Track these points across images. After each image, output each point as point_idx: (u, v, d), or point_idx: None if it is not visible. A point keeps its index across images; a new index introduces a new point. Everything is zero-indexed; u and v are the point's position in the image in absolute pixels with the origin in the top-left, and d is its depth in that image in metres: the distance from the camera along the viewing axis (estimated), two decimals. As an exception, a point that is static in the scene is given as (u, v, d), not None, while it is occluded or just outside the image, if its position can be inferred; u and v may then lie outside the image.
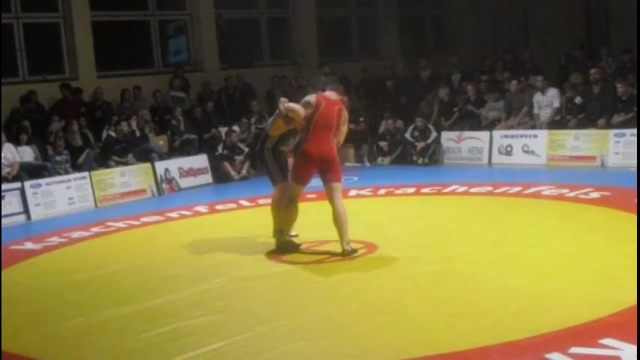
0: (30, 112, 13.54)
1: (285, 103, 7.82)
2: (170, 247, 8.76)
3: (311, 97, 7.76)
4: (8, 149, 11.96)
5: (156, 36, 16.19)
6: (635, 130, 12.40)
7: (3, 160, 11.75)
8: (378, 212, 10.05)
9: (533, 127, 13.94)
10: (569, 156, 13.13)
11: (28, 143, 12.50)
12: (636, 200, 9.03)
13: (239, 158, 13.88)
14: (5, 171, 11.70)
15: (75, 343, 5.72)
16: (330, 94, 7.84)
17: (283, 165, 8.10)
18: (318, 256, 7.69)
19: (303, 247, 8.06)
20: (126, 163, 13.15)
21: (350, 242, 7.61)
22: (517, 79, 14.56)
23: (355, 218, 9.57)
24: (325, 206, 7.77)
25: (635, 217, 8.34)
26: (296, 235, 8.27)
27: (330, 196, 7.72)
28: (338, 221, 7.60)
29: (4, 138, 12.05)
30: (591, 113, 13.24)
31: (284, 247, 7.94)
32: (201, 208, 11.12)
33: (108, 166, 13.00)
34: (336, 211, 7.62)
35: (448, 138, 14.61)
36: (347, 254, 7.54)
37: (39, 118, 13.60)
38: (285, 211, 7.95)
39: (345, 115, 7.82)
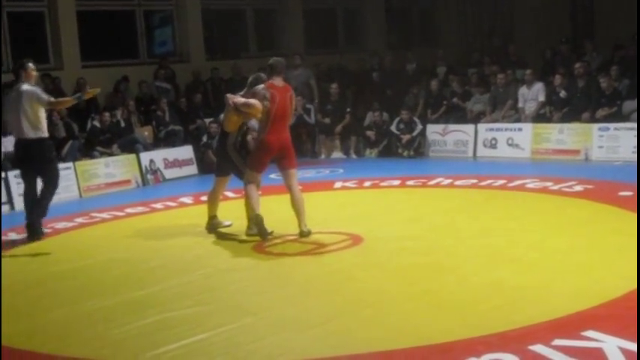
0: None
1: (233, 99, 8.02)
2: (155, 238, 8.74)
3: (264, 91, 7.88)
4: None
5: (141, 26, 16.11)
6: (618, 124, 12.48)
7: None
8: (363, 204, 10.07)
9: (518, 120, 14.00)
10: (554, 149, 13.20)
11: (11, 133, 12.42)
12: (620, 194, 9.12)
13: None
14: None
15: (59, 333, 5.70)
16: (278, 82, 8.00)
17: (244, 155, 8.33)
18: (303, 248, 7.70)
19: (288, 239, 8.06)
20: (110, 154, 13.10)
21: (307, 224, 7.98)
22: (504, 72, 14.59)
23: (340, 210, 9.65)
24: (310, 198, 7.79)
25: (618, 210, 8.42)
26: (230, 225, 8.58)
27: (287, 181, 8.09)
28: (296, 205, 7.99)
29: None
30: (576, 107, 13.30)
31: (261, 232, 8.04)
32: (187, 199, 11.10)
33: (92, 157, 12.94)
34: (294, 195, 8.01)
35: (433, 131, 14.64)
36: (304, 235, 7.92)
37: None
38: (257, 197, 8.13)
39: (294, 99, 8.23)
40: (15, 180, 11.52)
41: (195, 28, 16.49)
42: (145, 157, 13.24)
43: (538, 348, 4.65)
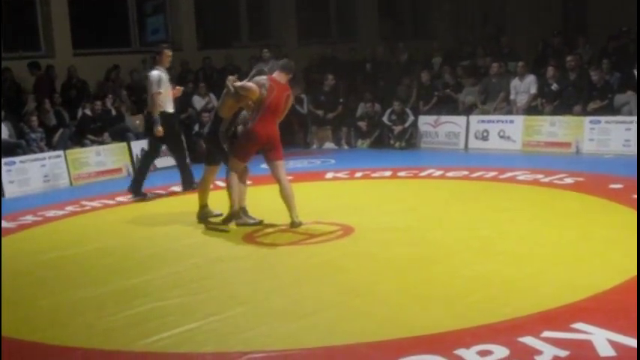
0: (4, 89, 13.38)
1: (234, 82, 7.99)
2: (145, 227, 8.73)
3: (264, 80, 7.90)
4: None
5: (133, 14, 16.05)
6: (609, 118, 12.51)
7: None
8: (355, 195, 10.07)
9: (510, 112, 14.02)
10: (545, 142, 13.22)
11: (2, 120, 12.38)
12: (611, 186, 9.15)
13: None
14: None
15: (49, 322, 5.69)
16: (280, 78, 7.98)
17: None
18: (294, 238, 7.70)
19: (279, 229, 8.06)
20: (101, 142, 13.07)
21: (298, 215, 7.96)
22: (496, 63, 14.58)
23: (332, 200, 9.65)
24: (302, 189, 7.76)
25: (608, 203, 8.45)
26: (220, 214, 8.50)
27: (275, 173, 8.01)
28: (286, 196, 7.95)
29: None
30: (567, 100, 13.32)
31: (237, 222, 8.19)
32: (177, 188, 11.06)
33: (83, 145, 12.90)
34: (283, 186, 7.96)
35: (425, 122, 14.65)
36: (296, 226, 7.89)
37: (14, 95, 13.45)
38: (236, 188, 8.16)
39: (291, 101, 8.13)
40: (5, 168, 11.49)
41: (187, 17, 16.44)
42: (136, 145, 13.20)
43: (527, 339, 4.67)
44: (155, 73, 10.09)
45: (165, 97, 10.12)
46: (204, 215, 8.69)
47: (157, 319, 5.51)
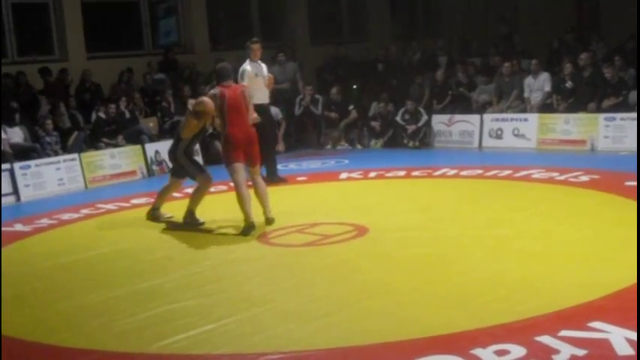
0: (19, 93, 13.45)
1: (192, 104, 8.54)
2: (160, 229, 8.74)
3: (213, 91, 8.30)
4: None
5: (146, 17, 16.09)
6: (624, 115, 12.43)
7: None
8: (369, 195, 10.05)
9: (524, 110, 13.96)
10: (560, 140, 13.15)
11: (17, 124, 12.43)
12: (627, 183, 9.08)
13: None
14: None
15: (64, 325, 5.71)
16: (227, 84, 8.30)
17: (195, 160, 8.97)
18: (308, 239, 7.69)
19: (294, 229, 8.06)
20: (116, 145, 13.10)
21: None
22: (509, 61, 14.53)
23: (346, 201, 9.64)
24: (316, 189, 7.74)
25: (624, 200, 8.39)
26: (172, 216, 8.97)
27: (252, 176, 8.32)
28: (262, 194, 8.35)
29: None
30: (581, 97, 13.25)
31: (191, 225, 8.56)
32: (191, 190, 11.06)
33: (98, 148, 12.94)
34: (258, 188, 8.36)
35: (439, 121, 14.61)
36: (270, 222, 8.28)
37: (29, 99, 13.50)
38: (201, 197, 8.63)
39: (248, 93, 8.43)
40: (20, 171, 11.54)
41: (199, 19, 16.46)
42: (151, 148, 13.23)
43: (544, 339, 4.64)
44: (243, 70, 10.46)
45: (256, 89, 10.12)
46: (156, 217, 9.01)
47: (172, 321, 5.52)
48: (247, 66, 10.51)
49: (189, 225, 8.58)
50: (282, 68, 15.38)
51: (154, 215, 9.02)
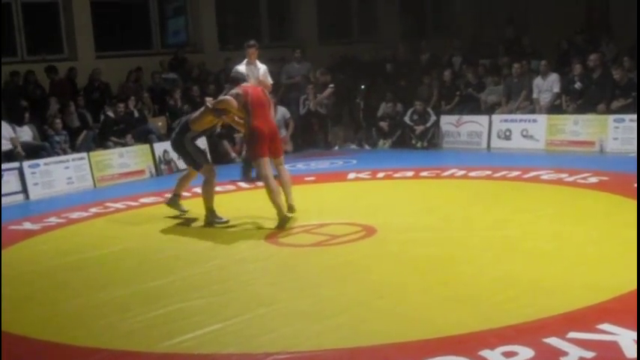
0: (28, 91, 13.49)
1: (210, 101, 8.65)
2: (168, 228, 8.76)
3: (235, 90, 8.44)
4: (6, 129, 11.91)
5: (155, 17, 16.12)
6: (634, 116, 12.39)
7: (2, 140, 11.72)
8: (377, 195, 10.05)
9: (533, 111, 13.93)
10: (568, 141, 13.12)
11: (26, 123, 12.48)
12: (636, 185, 9.04)
13: (239, 136, 13.78)
14: (6, 148, 11.66)
15: (73, 324, 5.72)
16: (246, 84, 8.63)
17: (201, 149, 9.16)
18: (316, 239, 7.69)
19: (302, 229, 8.06)
20: (124, 144, 13.13)
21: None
22: (518, 62, 14.49)
23: (354, 201, 9.64)
24: (324, 189, 7.72)
25: (633, 202, 8.35)
26: (186, 211, 9.14)
27: (277, 167, 8.56)
28: (287, 183, 8.54)
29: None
30: (591, 98, 13.22)
31: (212, 223, 8.58)
32: (200, 190, 11.07)
33: (106, 147, 12.98)
34: (283, 177, 8.57)
35: (447, 122, 14.59)
36: (293, 210, 8.46)
37: (38, 98, 13.55)
38: (212, 190, 8.68)
39: (265, 90, 8.81)
40: (29, 170, 11.58)
41: (208, 19, 16.48)
42: (159, 147, 13.26)
43: (553, 340, 4.63)
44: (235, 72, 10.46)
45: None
46: (173, 202, 9.21)
47: (180, 321, 5.53)
48: (241, 67, 10.55)
49: (214, 225, 8.56)
50: (301, 66, 15.56)
51: (172, 201, 9.15)
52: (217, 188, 10.98)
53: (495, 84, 14.72)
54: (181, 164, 13.39)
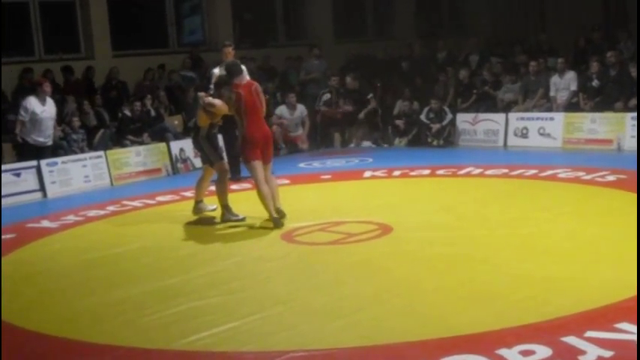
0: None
1: (204, 98, 8.66)
2: (185, 226, 8.79)
3: (229, 93, 8.46)
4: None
5: (171, 15, 16.16)
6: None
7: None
8: (393, 194, 10.03)
9: (550, 109, 13.86)
10: (586, 139, 13.04)
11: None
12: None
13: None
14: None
15: (90, 321, 5.75)
16: (240, 80, 8.64)
17: (217, 146, 9.11)
18: (333, 237, 7.69)
19: (318, 228, 8.06)
20: (141, 143, 13.18)
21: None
22: (535, 60, 14.42)
23: (370, 199, 9.63)
24: (340, 188, 7.72)
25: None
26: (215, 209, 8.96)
27: (265, 173, 8.43)
28: (274, 190, 8.45)
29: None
30: (608, 96, 13.14)
31: (228, 219, 8.61)
32: (214, 187, 11.10)
33: (123, 146, 13.03)
34: (271, 184, 8.45)
35: (463, 120, 14.54)
36: (283, 215, 8.35)
37: (54, 97, 13.59)
38: (225, 187, 8.73)
39: (257, 87, 8.59)
40: (47, 168, 11.64)
41: (224, 17, 16.50)
42: (175, 145, 13.29)
43: (570, 339, 4.61)
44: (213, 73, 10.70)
45: None
46: (199, 210, 9.05)
47: (197, 318, 5.54)
48: (217, 69, 10.62)
49: (230, 221, 8.60)
50: (319, 62, 15.80)
51: (198, 208, 9.09)
52: (233, 186, 11.04)
53: (512, 82, 14.65)
54: (197, 162, 13.47)
